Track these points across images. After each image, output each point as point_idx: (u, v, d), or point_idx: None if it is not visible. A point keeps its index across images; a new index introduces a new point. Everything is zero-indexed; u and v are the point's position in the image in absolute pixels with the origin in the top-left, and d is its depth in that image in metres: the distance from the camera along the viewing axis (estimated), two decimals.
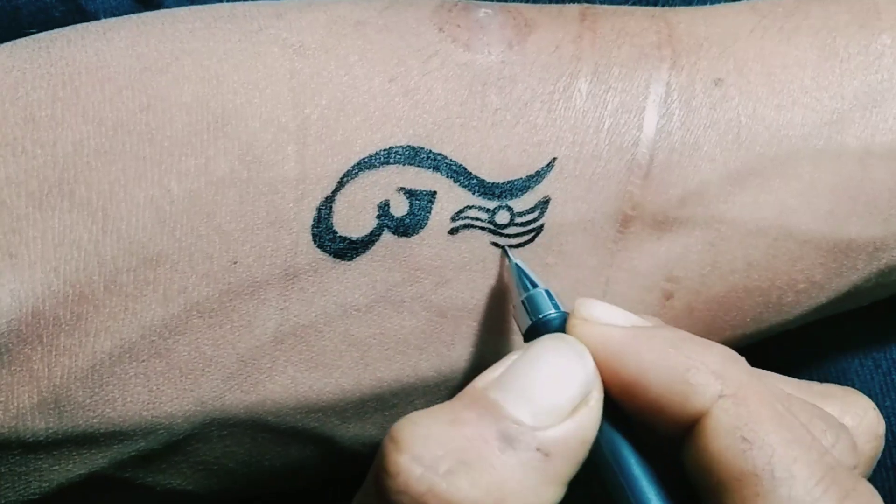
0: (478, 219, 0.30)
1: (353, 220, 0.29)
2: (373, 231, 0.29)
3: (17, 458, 0.29)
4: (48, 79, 0.28)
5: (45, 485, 0.30)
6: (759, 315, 0.33)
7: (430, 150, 0.29)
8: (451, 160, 0.29)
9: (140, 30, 0.29)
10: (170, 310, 0.28)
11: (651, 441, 0.26)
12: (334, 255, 0.29)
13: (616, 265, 0.31)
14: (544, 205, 0.30)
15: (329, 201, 0.29)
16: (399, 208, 0.29)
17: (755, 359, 0.29)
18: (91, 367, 0.28)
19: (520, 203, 0.30)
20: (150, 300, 0.28)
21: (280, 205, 0.28)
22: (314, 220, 0.29)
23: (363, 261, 0.29)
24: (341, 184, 0.29)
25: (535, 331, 0.28)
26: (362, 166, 0.29)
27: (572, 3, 0.33)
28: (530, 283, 0.29)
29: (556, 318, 0.28)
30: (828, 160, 0.31)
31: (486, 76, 0.30)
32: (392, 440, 0.24)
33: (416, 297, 0.30)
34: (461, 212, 0.30)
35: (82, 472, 0.30)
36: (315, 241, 0.29)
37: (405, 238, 0.30)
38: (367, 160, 0.29)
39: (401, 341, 0.31)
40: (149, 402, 0.29)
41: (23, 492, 0.30)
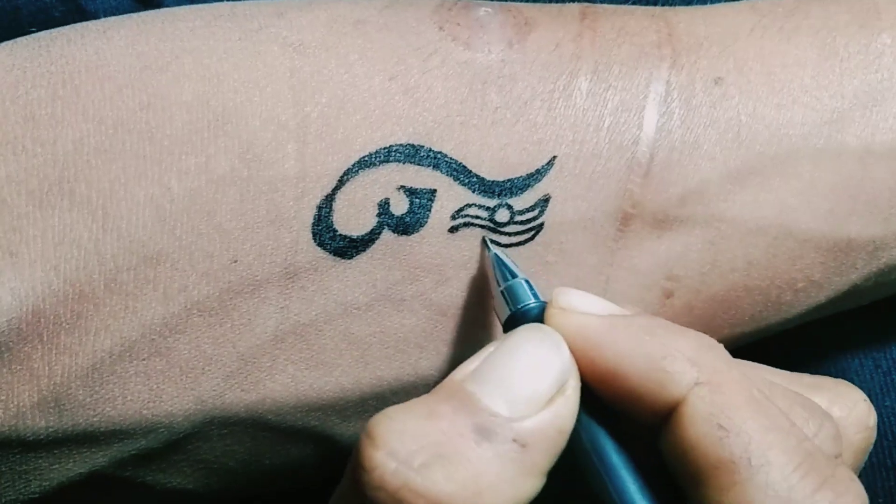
0: (478, 217, 0.30)
1: (353, 218, 0.29)
2: (373, 229, 0.29)
3: (18, 456, 0.29)
4: (48, 77, 0.28)
5: (45, 483, 0.30)
6: (758, 314, 0.33)
7: (430, 149, 0.29)
8: (451, 158, 0.29)
9: (140, 28, 0.29)
10: (170, 308, 0.28)
11: (630, 429, 0.26)
12: (334, 254, 0.29)
13: (616, 263, 0.31)
14: (544, 203, 0.30)
15: (329, 200, 0.29)
16: (399, 206, 0.29)
17: (755, 358, 0.29)
18: (91, 366, 0.28)
19: (520, 201, 0.30)
20: (150, 299, 0.28)
21: (280, 203, 0.28)
22: (314, 219, 0.29)
23: (363, 259, 0.29)
24: (341, 182, 0.29)
25: (514, 321, 0.28)
26: (362, 164, 0.29)
27: (572, 2, 0.33)
28: (510, 274, 0.29)
29: (535, 307, 0.28)
30: (828, 159, 0.31)
31: (486, 75, 0.30)
32: (367, 435, 0.24)
33: (416, 295, 0.30)
34: (461, 210, 0.30)
35: (83, 470, 0.30)
36: (315, 239, 0.29)
37: (405, 236, 0.30)
38: (367, 158, 0.29)
39: (401, 340, 0.31)
40: (149, 401, 0.29)
41: (23, 490, 0.30)
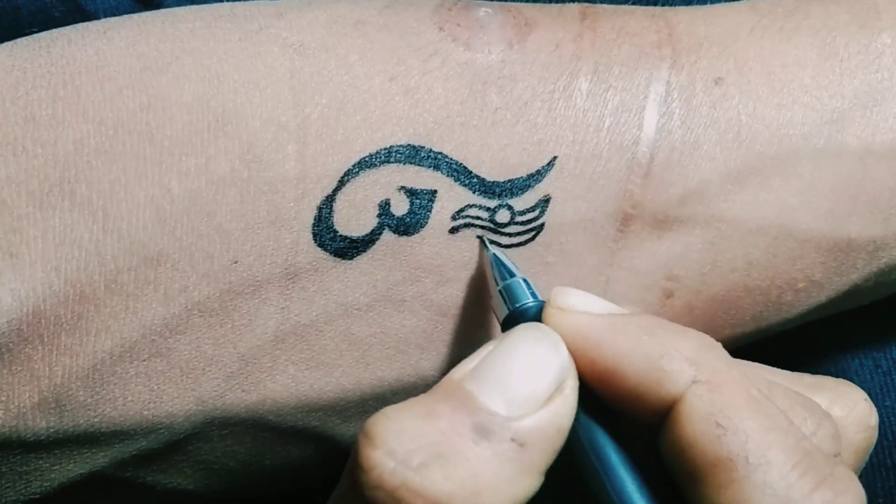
0: (478, 217, 0.30)
1: (353, 219, 0.29)
2: (373, 230, 0.29)
3: (18, 457, 0.29)
4: (49, 78, 0.28)
5: (45, 484, 0.30)
6: (758, 314, 0.33)
7: (431, 149, 0.29)
8: (451, 159, 0.29)
9: (140, 29, 0.29)
10: (171, 309, 0.28)
11: (629, 428, 0.26)
12: (335, 255, 0.29)
13: (616, 264, 0.31)
14: (545, 204, 0.30)
15: (329, 200, 0.29)
16: (399, 207, 0.29)
17: (755, 358, 0.29)
18: (92, 367, 0.28)
19: (520, 202, 0.30)
20: (150, 299, 0.28)
21: (280, 204, 0.28)
22: (315, 220, 0.29)
23: (364, 260, 0.29)
24: (342, 183, 0.29)
25: (513, 320, 0.28)
26: (363, 165, 0.29)
27: (572, 3, 0.33)
28: (508, 273, 0.29)
29: (533, 306, 0.28)
30: (828, 159, 0.31)
31: (486, 75, 0.30)
32: (365, 435, 0.24)
33: (416, 296, 0.30)
34: (462, 211, 0.30)
35: (83, 471, 0.30)
36: (316, 240, 0.29)
37: (406, 237, 0.30)
38: (367, 159, 0.29)
39: (402, 340, 0.31)
40: (150, 402, 0.29)
41: (24, 491, 0.30)
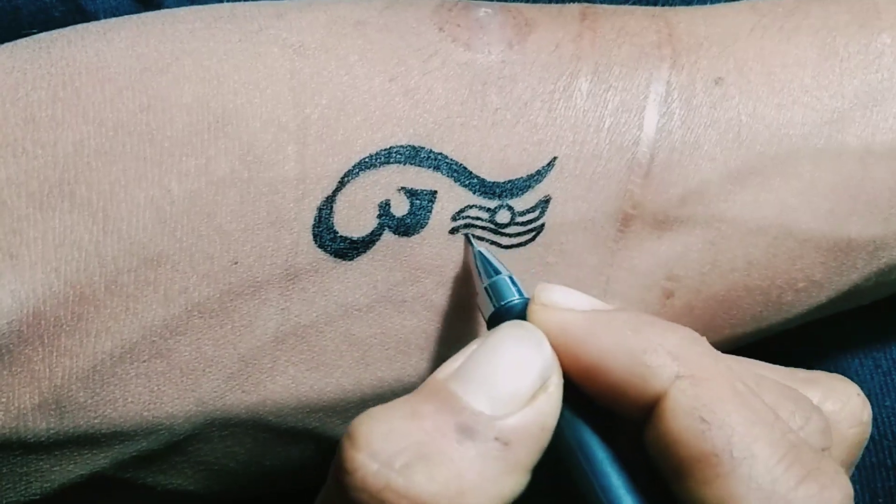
0: (478, 218, 0.30)
1: (353, 219, 0.29)
2: (373, 231, 0.29)
3: (19, 458, 0.29)
4: (49, 79, 0.28)
5: (46, 485, 0.30)
6: (758, 314, 0.33)
7: (431, 150, 0.29)
8: (451, 160, 0.29)
9: (140, 30, 0.29)
10: (171, 310, 0.28)
11: (616, 425, 0.26)
12: (335, 255, 0.29)
13: (616, 264, 0.31)
14: (545, 204, 0.30)
15: (330, 201, 0.29)
16: (400, 208, 0.29)
17: (755, 358, 0.29)
18: (92, 368, 0.28)
19: (520, 202, 0.30)
20: (150, 300, 0.28)
21: (280, 205, 0.28)
22: (315, 220, 0.29)
23: (364, 260, 0.29)
24: (342, 183, 0.29)
25: (499, 317, 0.28)
26: (363, 166, 0.29)
27: (572, 3, 0.33)
28: (493, 270, 0.29)
29: (519, 303, 0.28)
30: (828, 159, 0.31)
31: (486, 76, 0.30)
32: (349, 437, 0.24)
33: (417, 296, 0.30)
34: (462, 211, 0.30)
35: (83, 472, 0.30)
36: (316, 240, 0.29)
37: (406, 238, 0.30)
38: (367, 160, 0.29)
39: (402, 341, 0.31)
40: (150, 403, 0.29)
41: (24, 492, 0.30)
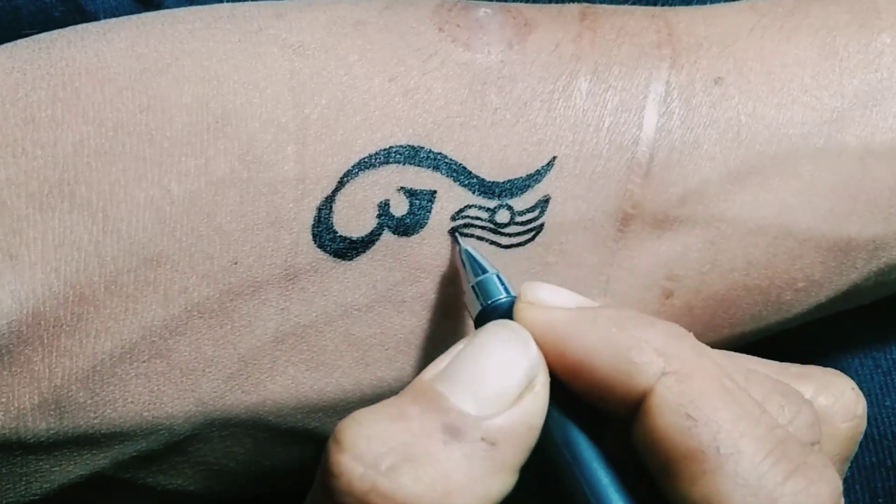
0: (478, 218, 0.30)
1: (353, 219, 0.29)
2: (373, 231, 0.29)
3: (19, 458, 0.29)
4: (48, 80, 0.28)
5: (46, 485, 0.30)
6: (758, 313, 0.33)
7: (430, 150, 0.29)
8: (451, 159, 0.29)
9: (140, 30, 0.29)
10: (170, 310, 0.28)
11: (603, 423, 0.26)
12: (334, 255, 0.29)
13: (616, 264, 0.31)
14: (544, 204, 0.30)
15: (329, 201, 0.29)
16: (399, 208, 0.29)
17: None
18: (92, 368, 0.28)
19: (520, 202, 0.30)
20: (150, 301, 0.28)
21: (280, 205, 0.28)
22: (314, 220, 0.29)
23: (363, 260, 0.29)
24: (341, 183, 0.29)
25: (486, 316, 0.28)
26: (362, 166, 0.29)
27: (572, 3, 0.33)
28: (480, 269, 0.29)
29: (506, 302, 0.28)
30: (828, 159, 0.31)
31: (485, 75, 0.30)
32: (335, 440, 0.24)
33: (416, 296, 0.30)
34: (461, 211, 0.30)
35: (83, 472, 0.30)
36: (315, 240, 0.29)
37: (405, 237, 0.30)
38: (367, 160, 0.29)
39: (402, 341, 0.31)
40: (149, 403, 0.29)
41: (24, 492, 0.30)
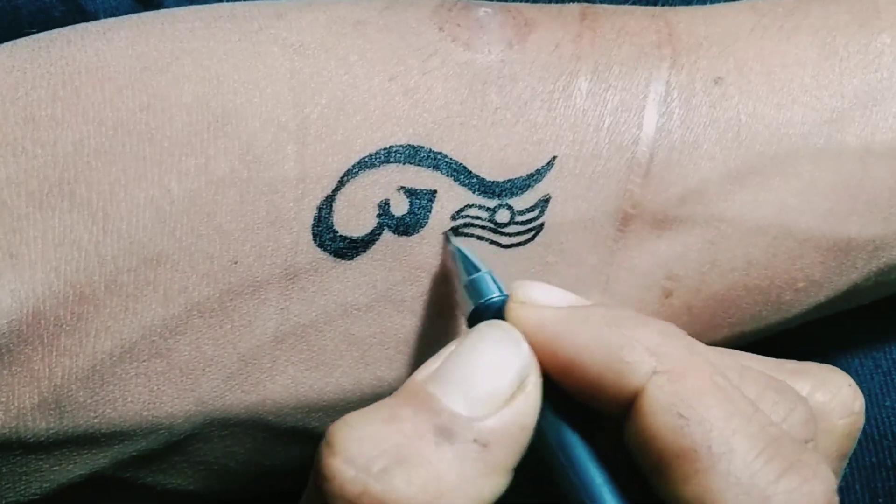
0: (478, 217, 0.30)
1: (353, 219, 0.29)
2: (373, 230, 0.29)
3: (18, 458, 0.29)
4: (48, 78, 0.28)
5: (45, 485, 0.30)
6: (758, 313, 0.33)
7: (431, 149, 0.29)
8: (451, 159, 0.29)
9: (140, 30, 0.29)
10: (170, 310, 0.28)
11: (596, 422, 0.26)
12: (335, 255, 0.29)
13: (616, 263, 0.31)
14: (544, 203, 0.30)
15: (329, 200, 0.29)
16: (399, 207, 0.29)
17: None
18: (92, 368, 0.28)
19: (520, 202, 0.30)
20: (150, 300, 0.28)
21: (280, 204, 0.28)
22: (314, 220, 0.29)
23: (363, 260, 0.29)
24: (341, 183, 0.29)
25: (478, 315, 0.28)
26: (362, 165, 0.29)
27: (572, 3, 0.33)
28: (473, 268, 0.29)
29: (498, 301, 0.28)
30: (828, 159, 0.31)
31: (486, 75, 0.30)
32: (326, 443, 0.24)
33: (416, 296, 0.30)
34: (461, 211, 0.30)
35: (83, 472, 0.30)
36: (315, 240, 0.29)
37: (405, 237, 0.30)
38: (367, 159, 0.29)
39: (402, 341, 0.31)
40: (149, 402, 0.29)
41: (23, 492, 0.30)
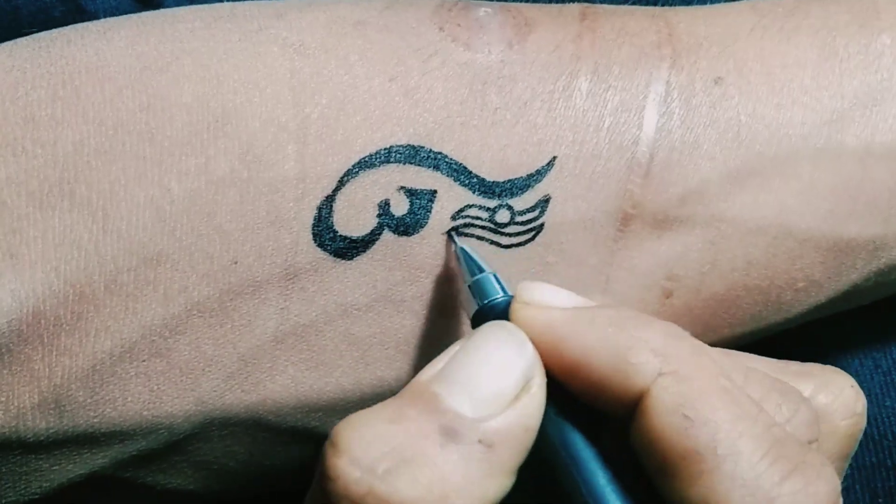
0: (478, 218, 0.30)
1: (353, 219, 0.29)
2: (373, 230, 0.29)
3: (18, 458, 0.29)
4: (48, 78, 0.28)
5: (45, 485, 0.30)
6: (758, 313, 0.33)
7: (431, 149, 0.29)
8: (451, 159, 0.29)
9: (140, 29, 0.29)
10: (170, 309, 0.28)
11: (600, 423, 0.26)
12: (335, 255, 0.29)
13: (616, 264, 0.31)
14: (545, 203, 0.30)
15: (329, 200, 0.29)
16: (399, 207, 0.29)
17: None
18: (91, 367, 0.28)
19: (520, 202, 0.30)
20: (150, 300, 0.28)
21: (280, 204, 0.28)
22: (314, 220, 0.29)
23: (363, 260, 0.29)
24: (341, 183, 0.29)
25: (482, 316, 0.28)
26: (362, 165, 0.29)
27: (572, 3, 0.33)
28: (477, 268, 0.29)
29: (503, 301, 0.28)
30: (828, 159, 0.31)
31: (486, 75, 0.30)
32: (331, 443, 0.24)
33: (416, 296, 0.30)
34: (461, 211, 0.30)
35: (83, 471, 0.30)
36: (315, 240, 0.29)
37: (405, 237, 0.30)
38: (367, 159, 0.29)
39: (402, 341, 0.31)
40: (149, 402, 0.29)
41: (23, 492, 0.30)
